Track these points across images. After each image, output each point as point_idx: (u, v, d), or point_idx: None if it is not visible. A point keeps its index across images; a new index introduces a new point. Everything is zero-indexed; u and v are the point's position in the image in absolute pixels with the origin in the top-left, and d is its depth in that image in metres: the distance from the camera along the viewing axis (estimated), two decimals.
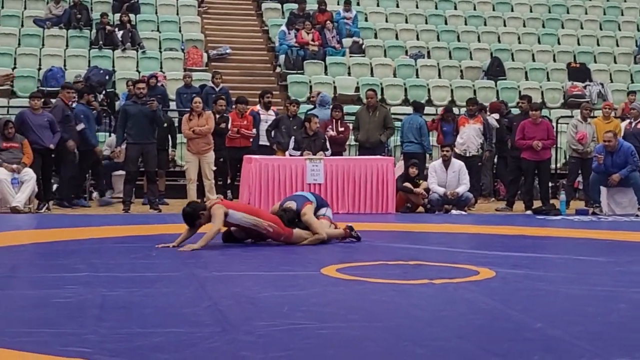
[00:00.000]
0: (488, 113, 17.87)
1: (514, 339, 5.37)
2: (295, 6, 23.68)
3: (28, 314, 6.03)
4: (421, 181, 15.35)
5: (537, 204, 15.56)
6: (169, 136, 16.46)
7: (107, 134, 17.29)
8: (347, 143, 16.89)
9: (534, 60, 23.76)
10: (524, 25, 25.40)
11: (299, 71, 21.77)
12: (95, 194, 16.33)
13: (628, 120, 16.80)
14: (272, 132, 16.13)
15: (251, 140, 16.12)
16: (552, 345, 5.22)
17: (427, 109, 20.50)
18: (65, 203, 14.98)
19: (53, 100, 18.12)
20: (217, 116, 15.88)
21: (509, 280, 7.65)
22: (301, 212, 10.15)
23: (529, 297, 6.86)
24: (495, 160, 17.83)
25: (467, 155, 16.22)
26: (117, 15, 22.44)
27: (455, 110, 20.69)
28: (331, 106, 16.81)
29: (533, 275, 8.00)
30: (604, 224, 13.72)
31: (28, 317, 5.91)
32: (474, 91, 21.96)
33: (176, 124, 17.13)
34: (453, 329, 5.63)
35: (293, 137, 15.53)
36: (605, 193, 15.26)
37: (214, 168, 15.26)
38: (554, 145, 16.21)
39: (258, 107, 16.65)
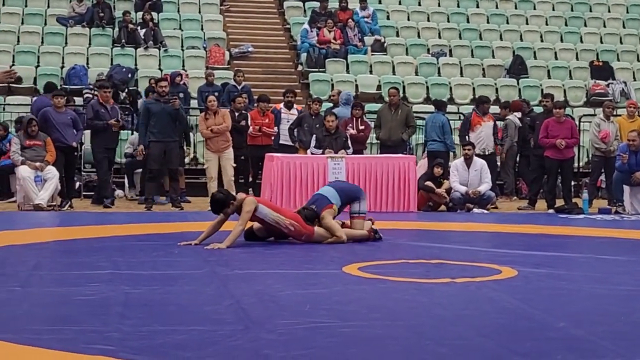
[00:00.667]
0: (510, 111, 17.84)
1: (537, 338, 5.34)
2: (317, 4, 23.68)
3: (51, 312, 6.05)
4: (445, 181, 15.31)
5: (559, 202, 15.50)
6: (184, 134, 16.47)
7: (130, 132, 17.33)
8: (369, 141, 16.87)
9: (556, 58, 23.68)
10: (547, 24, 25.31)
11: (320, 69, 21.77)
12: (117, 192, 16.39)
13: None
14: (295, 131, 16.12)
15: (272, 138, 16.15)
16: (575, 344, 5.20)
17: (449, 107, 20.52)
18: (105, 201, 14.97)
19: (76, 99, 18.27)
20: (237, 114, 15.92)
21: (532, 279, 7.62)
22: (320, 217, 10.14)
23: (552, 296, 6.83)
24: (518, 158, 17.78)
25: (487, 153, 16.19)
26: (140, 14, 22.51)
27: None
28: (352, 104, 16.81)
29: (555, 274, 7.97)
30: (626, 223, 13.65)
31: (51, 315, 5.94)
32: (496, 89, 21.90)
33: (196, 123, 17.18)
34: (475, 328, 5.61)
35: (314, 136, 15.52)
36: (628, 192, 15.18)
37: (234, 165, 15.27)
38: (578, 144, 16.12)
39: (281, 105, 16.65)
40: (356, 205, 10.46)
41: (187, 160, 17.17)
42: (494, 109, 18.28)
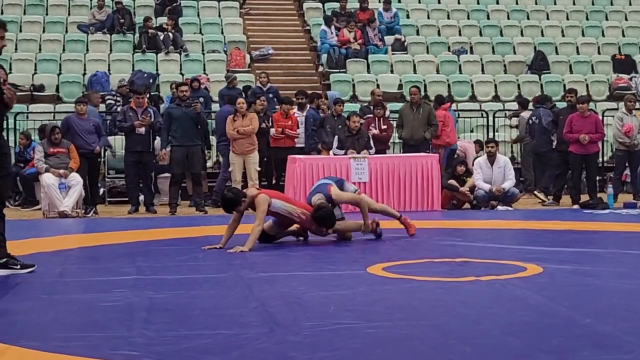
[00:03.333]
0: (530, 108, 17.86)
1: (563, 335, 5.33)
2: (336, 5, 23.67)
3: (77, 318, 6.08)
4: (468, 178, 15.26)
5: (584, 198, 15.42)
6: (203, 137, 16.52)
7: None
8: (391, 141, 16.84)
9: (578, 53, 23.57)
10: (568, 18, 25.18)
11: (341, 70, 21.76)
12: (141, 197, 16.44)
13: None
14: (318, 132, 16.08)
15: (295, 140, 16.16)
16: (602, 340, 5.17)
17: (471, 105, 20.50)
18: (130, 208, 15.03)
19: (101, 105, 18.30)
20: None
21: (557, 275, 7.59)
22: (332, 197, 10.26)
23: (578, 293, 6.81)
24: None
25: None
26: (160, 19, 22.58)
27: (499, 105, 20.66)
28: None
29: (581, 270, 7.94)
30: None
31: (77, 321, 5.97)
32: (518, 86, 21.82)
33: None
34: (501, 326, 5.60)
35: (336, 137, 15.51)
36: None
37: (259, 169, 15.28)
38: (602, 139, 16.04)
39: (295, 108, 16.65)
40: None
41: (209, 164, 17.21)
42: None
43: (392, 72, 22.09)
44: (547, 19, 25.04)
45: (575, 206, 15.21)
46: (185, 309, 6.25)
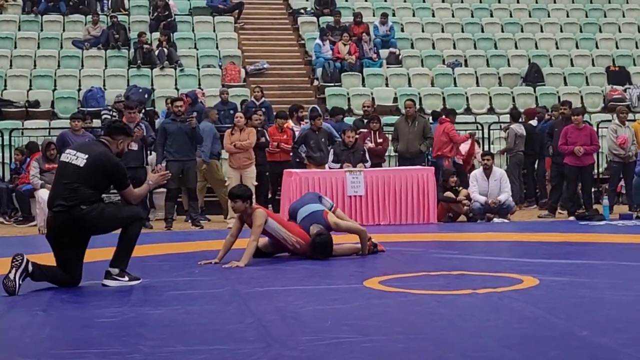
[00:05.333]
0: (522, 120, 17.91)
1: (560, 347, 5.31)
2: (330, 19, 23.72)
3: (73, 335, 6.06)
4: (461, 188, 15.30)
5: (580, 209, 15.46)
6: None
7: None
8: (387, 154, 16.86)
9: (572, 65, 23.64)
10: (561, 31, 25.27)
11: (336, 84, 21.80)
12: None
13: None
14: (300, 148, 15.85)
15: (291, 154, 16.15)
16: (599, 353, 5.17)
17: (466, 117, 20.53)
18: (147, 223, 14.90)
19: (96, 121, 18.30)
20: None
21: (553, 288, 7.58)
22: (330, 225, 10.14)
23: (574, 305, 6.80)
24: (536, 166, 17.80)
25: None
26: (155, 34, 22.61)
27: (494, 117, 20.71)
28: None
29: (577, 282, 7.93)
30: None
31: (73, 338, 5.95)
32: (513, 98, 21.88)
33: None
34: (498, 339, 5.59)
35: (332, 150, 15.53)
36: None
37: (256, 183, 15.28)
38: (597, 151, 16.04)
39: (291, 122, 16.64)
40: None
41: None
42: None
43: (387, 85, 22.12)
44: (541, 31, 25.13)
45: (571, 218, 15.23)
46: (182, 325, 6.23)
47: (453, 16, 25.55)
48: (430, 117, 17.97)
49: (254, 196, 10.70)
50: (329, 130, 16.20)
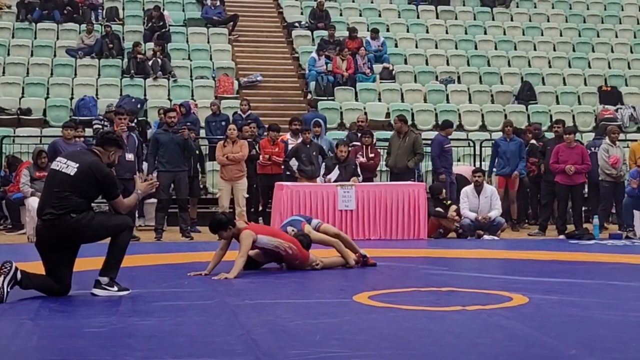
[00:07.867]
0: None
1: None
2: (324, 33, 23.74)
3: (60, 344, 6.04)
4: (450, 202, 15.33)
5: (570, 228, 15.45)
6: (198, 163, 16.56)
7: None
8: (378, 169, 16.86)
9: (565, 84, 23.69)
10: (554, 49, 25.33)
11: (329, 97, 21.80)
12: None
13: None
14: (291, 162, 15.82)
15: (282, 167, 16.14)
16: None
17: (458, 134, 20.52)
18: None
19: (88, 130, 18.27)
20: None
21: (543, 306, 7.59)
22: (304, 232, 10.37)
23: (564, 323, 6.80)
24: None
25: None
26: (149, 44, 22.61)
27: (486, 135, 20.73)
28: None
29: (567, 300, 7.94)
30: (638, 248, 13.59)
31: (61, 348, 5.92)
32: (505, 115, 21.88)
33: (205, 152, 17.22)
34: (487, 356, 5.59)
35: (324, 164, 15.54)
36: (638, 217, 15.14)
37: (247, 195, 15.27)
38: (588, 170, 16.02)
39: (288, 135, 16.62)
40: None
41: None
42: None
43: (379, 100, 22.13)
44: (534, 49, 25.19)
45: (561, 236, 15.25)
46: (170, 336, 6.21)
47: (447, 32, 25.60)
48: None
49: (235, 215, 10.71)
50: (329, 143, 16.32)
